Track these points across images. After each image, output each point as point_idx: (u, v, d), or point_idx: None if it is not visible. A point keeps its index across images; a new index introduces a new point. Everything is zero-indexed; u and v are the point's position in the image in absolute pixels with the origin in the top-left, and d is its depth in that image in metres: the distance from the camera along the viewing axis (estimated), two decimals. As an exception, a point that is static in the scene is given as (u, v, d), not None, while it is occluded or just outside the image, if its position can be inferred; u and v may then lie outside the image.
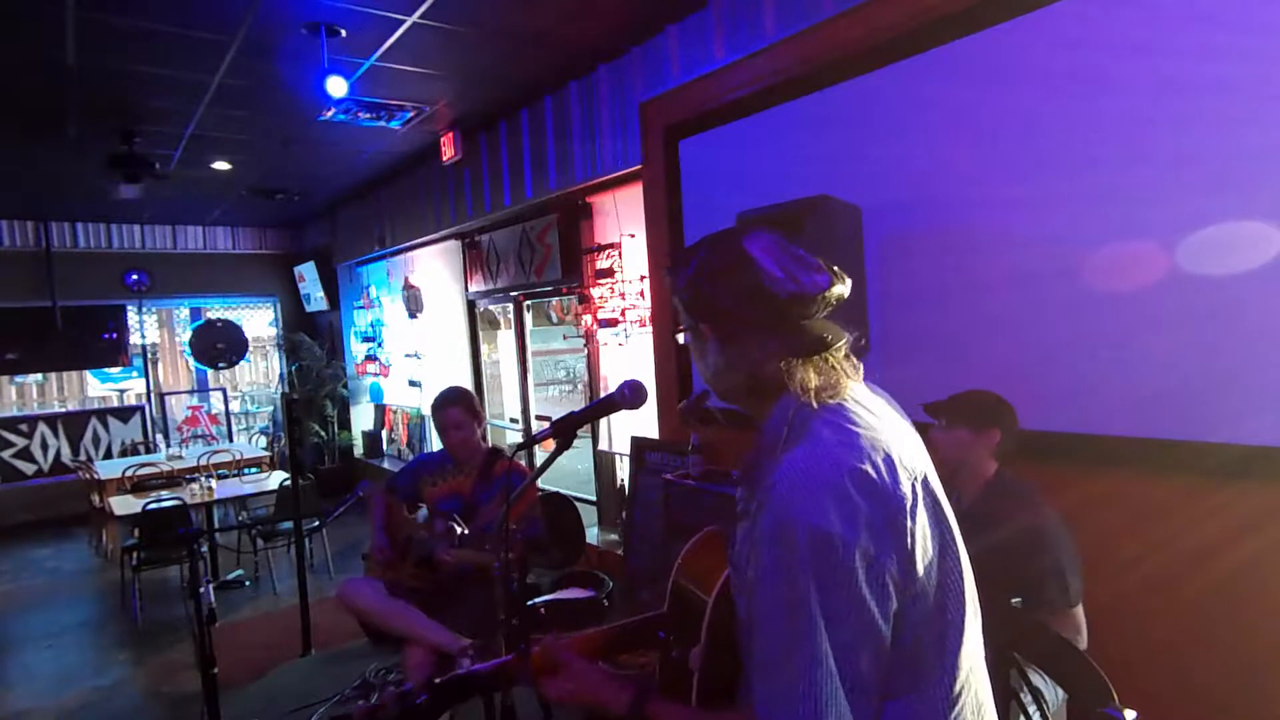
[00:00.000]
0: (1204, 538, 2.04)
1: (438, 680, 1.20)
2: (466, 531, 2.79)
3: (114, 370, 9.43)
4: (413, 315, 7.45)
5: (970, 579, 1.00)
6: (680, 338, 1.13)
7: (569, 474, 5.87)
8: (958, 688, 0.94)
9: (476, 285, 6.33)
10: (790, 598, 0.87)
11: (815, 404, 0.99)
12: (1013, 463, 2.14)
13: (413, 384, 7.58)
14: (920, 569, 0.91)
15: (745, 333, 1.03)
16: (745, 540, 0.98)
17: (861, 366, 1.07)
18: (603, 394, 3.21)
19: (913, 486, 0.93)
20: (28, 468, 8.07)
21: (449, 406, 3.00)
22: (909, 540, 0.90)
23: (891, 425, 1.03)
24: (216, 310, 9.32)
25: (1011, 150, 2.45)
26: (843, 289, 1.04)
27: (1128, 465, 2.21)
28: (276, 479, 5.73)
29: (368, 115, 5.05)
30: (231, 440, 8.89)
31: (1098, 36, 2.23)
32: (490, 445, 3.16)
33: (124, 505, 5.19)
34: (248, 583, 5.55)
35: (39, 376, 9.54)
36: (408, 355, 7.64)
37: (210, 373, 9.28)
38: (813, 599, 0.86)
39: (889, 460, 0.93)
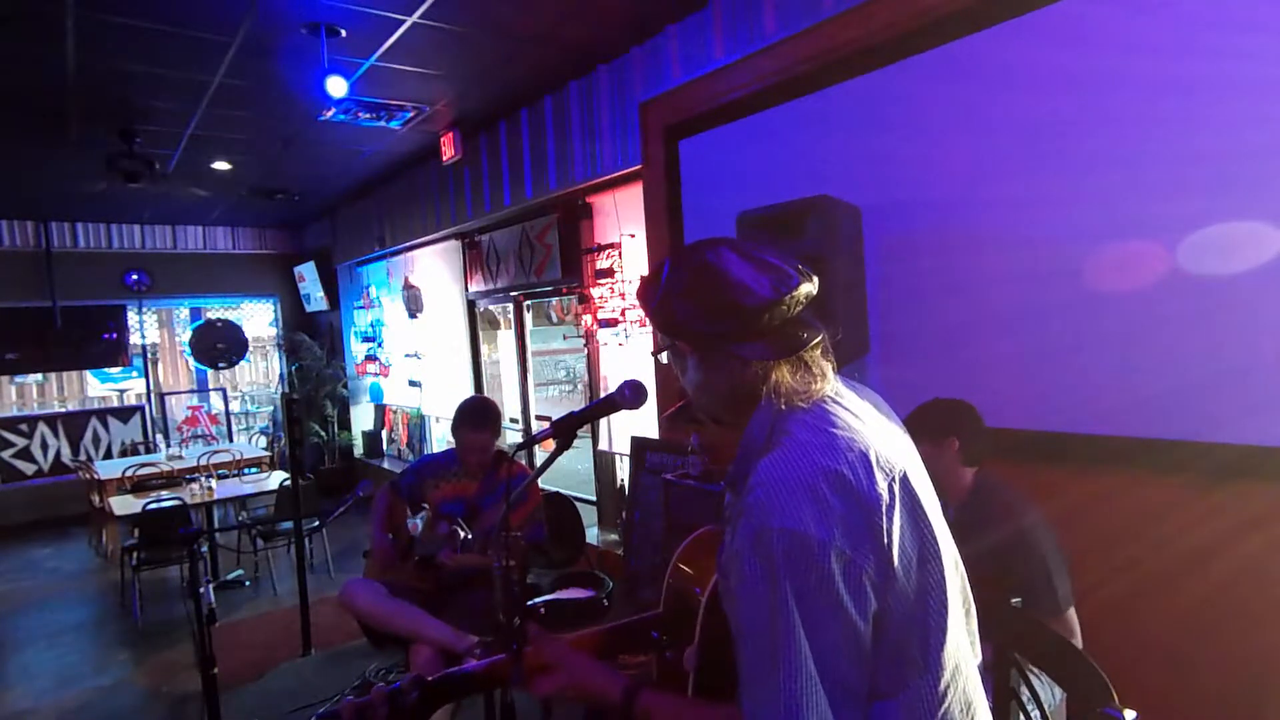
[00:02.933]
0: (1204, 538, 2.04)
1: (429, 679, 1.18)
2: (470, 536, 2.79)
3: (114, 370, 9.43)
4: (413, 315, 7.46)
5: (955, 578, 1.00)
6: (662, 357, 1.14)
7: (569, 474, 5.88)
8: (943, 686, 0.95)
9: (476, 285, 6.33)
10: (769, 606, 0.88)
11: (793, 406, 1.00)
12: (1002, 465, 2.13)
13: (413, 384, 7.59)
14: (899, 569, 0.91)
15: (722, 346, 1.03)
16: (729, 547, 0.99)
17: (833, 362, 1.07)
18: (603, 394, 3.21)
19: (890, 486, 0.93)
20: (28, 468, 8.07)
21: (482, 431, 2.91)
22: (886, 540, 0.91)
23: (873, 422, 1.03)
24: (216, 310, 9.32)
25: (1011, 150, 2.45)
26: (810, 287, 1.04)
27: (1127, 465, 2.20)
28: (276, 479, 5.74)
29: (368, 115, 5.06)
30: (231, 440, 8.89)
31: (1098, 36, 2.23)
32: (496, 449, 3.16)
33: (124, 505, 5.19)
34: (248, 583, 5.55)
35: (39, 376, 9.54)
36: (408, 355, 7.65)
37: (210, 373, 9.28)
38: (791, 605, 0.87)
39: (865, 459, 0.94)
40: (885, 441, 1.00)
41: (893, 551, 0.91)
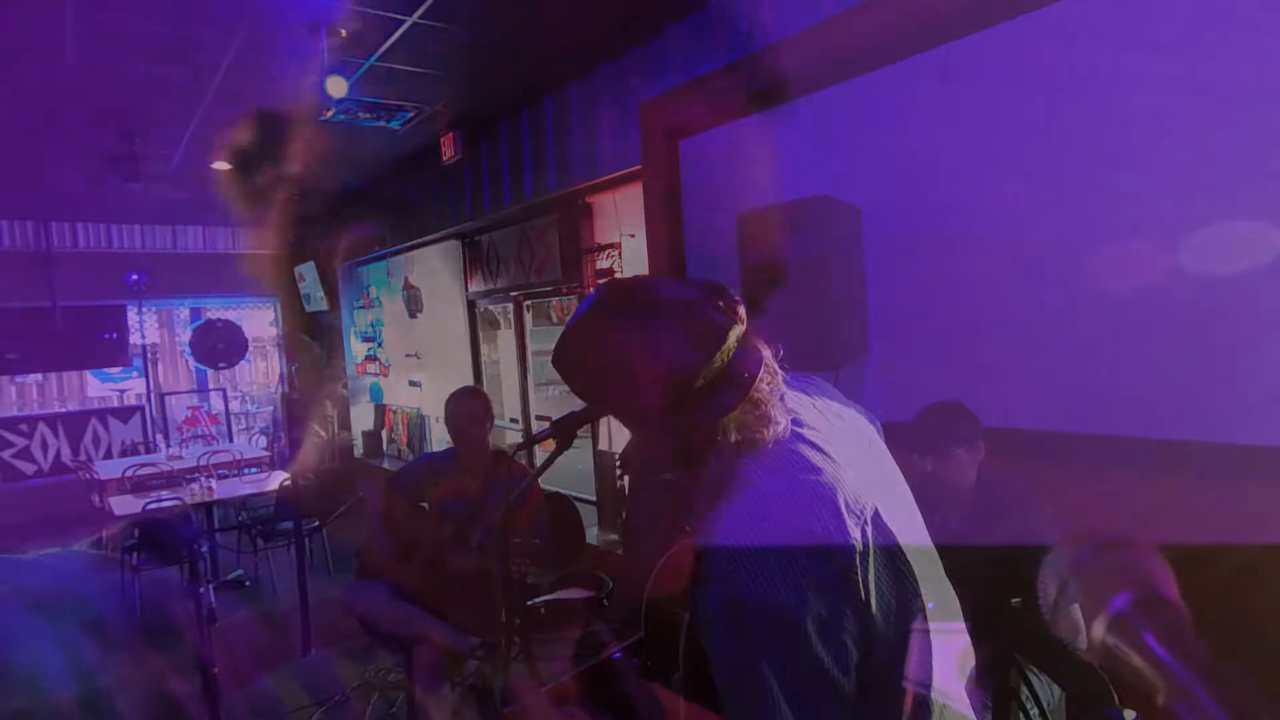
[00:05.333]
0: (1204, 538, 2.04)
1: None
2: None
3: (114, 370, 9.43)
4: (413, 315, 7.45)
5: (932, 604, 0.96)
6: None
7: (569, 474, 5.87)
8: None
9: (476, 285, 6.32)
10: (745, 674, 0.84)
11: (749, 446, 0.94)
12: (1003, 465, 2.14)
13: (413, 384, 7.58)
14: (878, 616, 0.88)
15: (660, 416, 0.95)
16: (701, 612, 0.93)
17: (781, 388, 1.00)
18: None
19: (862, 530, 0.89)
20: (28, 468, 8.07)
21: (470, 401, 3.00)
22: (863, 592, 0.87)
23: (838, 446, 0.97)
24: (216, 310, 9.32)
25: (1011, 150, 2.45)
26: (739, 327, 0.95)
27: (1128, 465, 2.20)
28: (276, 479, 5.73)
29: (368, 115, 5.05)
30: (231, 440, 8.89)
31: (1098, 36, 2.23)
32: (495, 448, 3.16)
33: (124, 505, 5.18)
34: (248, 583, 5.55)
35: (39, 376, 9.54)
36: (408, 355, 7.64)
37: (210, 373, 9.28)
38: (769, 675, 0.83)
39: (833, 506, 0.89)
40: (852, 469, 0.94)
41: (871, 601, 0.87)
